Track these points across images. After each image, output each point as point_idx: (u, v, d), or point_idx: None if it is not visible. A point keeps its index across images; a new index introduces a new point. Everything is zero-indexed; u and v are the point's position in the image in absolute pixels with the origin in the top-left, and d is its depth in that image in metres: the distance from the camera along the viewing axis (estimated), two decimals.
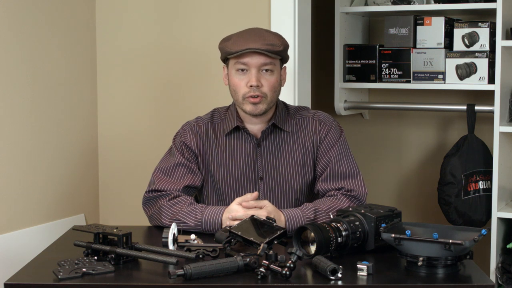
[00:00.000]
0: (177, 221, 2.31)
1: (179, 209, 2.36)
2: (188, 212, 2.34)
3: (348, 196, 2.42)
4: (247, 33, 2.43)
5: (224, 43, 2.43)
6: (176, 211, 2.36)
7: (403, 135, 3.97)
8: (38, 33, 3.04)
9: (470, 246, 1.86)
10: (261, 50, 2.36)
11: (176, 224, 2.16)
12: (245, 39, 2.38)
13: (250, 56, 2.38)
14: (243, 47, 2.36)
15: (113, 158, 3.43)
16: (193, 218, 2.33)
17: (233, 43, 2.39)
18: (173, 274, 1.80)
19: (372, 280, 1.85)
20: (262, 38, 2.39)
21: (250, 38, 2.39)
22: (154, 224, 2.43)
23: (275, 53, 2.39)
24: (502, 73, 3.20)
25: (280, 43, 2.41)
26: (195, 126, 2.53)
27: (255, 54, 2.37)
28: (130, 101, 3.40)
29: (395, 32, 3.57)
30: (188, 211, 2.35)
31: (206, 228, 2.32)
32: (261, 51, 2.36)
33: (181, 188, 2.44)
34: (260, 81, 2.39)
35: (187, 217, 2.33)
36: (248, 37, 2.39)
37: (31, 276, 1.92)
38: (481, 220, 3.40)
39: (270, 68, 2.40)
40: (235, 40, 2.40)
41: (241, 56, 2.38)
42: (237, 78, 2.42)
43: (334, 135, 2.50)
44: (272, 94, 2.42)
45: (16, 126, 2.94)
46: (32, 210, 3.03)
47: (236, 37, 2.42)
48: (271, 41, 2.39)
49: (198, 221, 2.32)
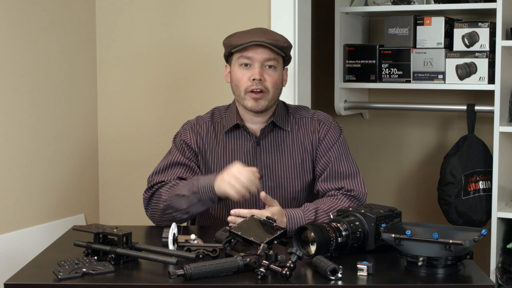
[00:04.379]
0: (174, 197, 2.34)
1: (175, 188, 2.39)
2: (184, 185, 2.38)
3: (348, 196, 2.42)
4: (252, 29, 2.50)
5: (229, 38, 2.48)
6: (173, 190, 2.39)
7: (403, 135, 3.97)
8: (38, 33, 3.04)
9: (470, 246, 1.86)
10: (266, 43, 2.40)
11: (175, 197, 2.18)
12: (250, 34, 2.44)
13: (254, 50, 2.41)
14: (248, 40, 2.41)
15: (113, 158, 3.43)
16: (189, 187, 2.35)
17: (238, 37, 2.44)
18: (173, 274, 1.80)
19: (372, 280, 1.85)
20: (267, 34, 2.45)
21: (255, 33, 2.44)
22: (155, 219, 2.43)
23: (279, 48, 2.42)
24: (502, 73, 3.20)
25: (284, 41, 2.46)
26: (195, 125, 2.54)
27: (259, 47, 2.41)
28: (130, 101, 3.40)
29: (395, 32, 3.57)
30: (183, 184, 2.39)
31: (202, 192, 2.32)
32: (266, 44, 2.40)
33: (176, 178, 2.46)
34: (263, 75, 2.41)
35: (183, 189, 2.36)
36: (253, 32, 2.45)
37: (31, 276, 1.92)
38: (481, 220, 3.40)
39: (274, 64, 2.43)
40: (239, 35, 2.46)
41: (245, 50, 2.41)
42: (240, 72, 2.44)
43: (333, 135, 2.50)
44: (274, 90, 2.44)
45: (16, 126, 2.94)
46: (32, 210, 3.03)
47: (240, 33, 2.47)
48: (275, 37, 2.44)
49: (195, 187, 2.33)
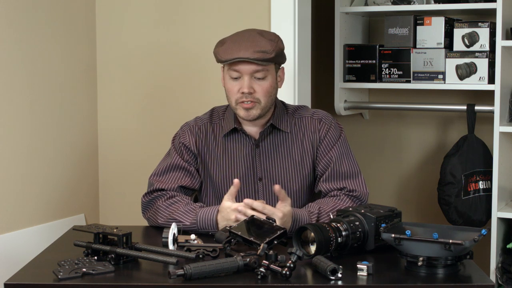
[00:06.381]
0: (173, 221, 2.31)
1: (175, 209, 2.36)
2: (185, 212, 2.34)
3: (350, 196, 2.42)
4: (240, 38, 2.40)
5: (217, 49, 2.41)
6: (173, 211, 2.36)
7: (403, 135, 3.97)
8: (38, 33, 3.04)
9: (470, 246, 1.86)
10: (250, 60, 2.34)
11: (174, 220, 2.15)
12: (237, 46, 2.35)
13: (242, 64, 2.36)
14: (233, 55, 2.34)
15: (113, 158, 3.43)
16: (189, 218, 2.33)
17: (225, 51, 2.37)
18: (173, 274, 1.80)
19: (372, 280, 1.85)
20: (254, 45, 2.35)
21: (242, 45, 2.35)
22: (153, 224, 2.43)
23: (265, 61, 2.36)
24: (502, 73, 3.20)
25: (272, 49, 2.37)
26: (194, 126, 2.53)
27: (246, 62, 2.36)
28: (130, 101, 3.40)
29: (395, 32, 3.57)
30: (184, 210, 2.35)
31: (202, 227, 2.31)
32: (251, 61, 2.34)
33: (176, 188, 2.45)
34: (252, 87, 2.38)
35: (183, 217, 2.33)
36: (240, 44, 2.36)
37: (31, 276, 1.92)
38: (481, 220, 3.40)
39: (262, 75, 2.38)
40: (227, 47, 2.37)
41: (233, 63, 2.37)
42: (230, 84, 2.41)
43: (334, 134, 2.49)
44: (267, 99, 2.41)
45: (16, 126, 2.94)
46: (32, 210, 3.03)
47: (229, 43, 2.39)
48: (263, 48, 2.35)
49: (194, 220, 2.32)
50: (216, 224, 2.29)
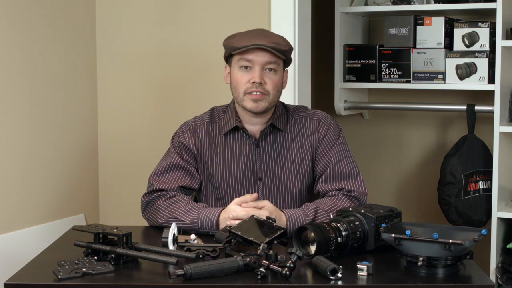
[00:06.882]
0: (173, 219, 2.32)
1: (176, 208, 2.36)
2: (186, 211, 2.35)
3: (349, 196, 2.42)
4: (253, 31, 2.46)
5: (230, 39, 2.45)
6: (173, 210, 2.36)
7: (403, 135, 3.97)
8: (38, 33, 3.04)
9: (470, 246, 1.86)
10: (267, 47, 2.37)
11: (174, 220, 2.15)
12: (251, 37, 2.40)
13: (255, 53, 2.39)
14: (249, 43, 2.38)
15: (113, 158, 3.43)
16: (190, 216, 2.33)
17: (239, 40, 2.41)
18: (173, 274, 1.80)
19: (372, 280, 1.85)
20: (268, 37, 2.41)
21: (256, 36, 2.41)
22: (152, 224, 2.43)
23: (280, 52, 2.40)
24: (502, 73, 3.20)
25: (285, 44, 2.43)
26: (193, 126, 2.53)
27: (260, 51, 2.38)
28: (130, 101, 3.40)
29: (395, 32, 3.57)
30: (185, 209, 2.35)
31: (202, 227, 2.32)
32: (267, 48, 2.37)
33: (176, 188, 2.45)
34: (263, 79, 2.40)
35: (184, 215, 2.34)
36: (254, 35, 2.42)
37: (31, 276, 1.92)
38: (481, 220, 3.40)
39: (274, 67, 2.41)
40: (240, 36, 2.42)
41: (246, 52, 2.39)
42: (239, 74, 2.42)
43: (333, 135, 2.50)
44: (275, 93, 2.43)
45: (16, 126, 2.94)
46: (32, 210, 3.03)
47: (241, 35, 2.44)
48: (277, 40, 2.41)
49: (195, 219, 2.32)
50: (217, 225, 2.30)
